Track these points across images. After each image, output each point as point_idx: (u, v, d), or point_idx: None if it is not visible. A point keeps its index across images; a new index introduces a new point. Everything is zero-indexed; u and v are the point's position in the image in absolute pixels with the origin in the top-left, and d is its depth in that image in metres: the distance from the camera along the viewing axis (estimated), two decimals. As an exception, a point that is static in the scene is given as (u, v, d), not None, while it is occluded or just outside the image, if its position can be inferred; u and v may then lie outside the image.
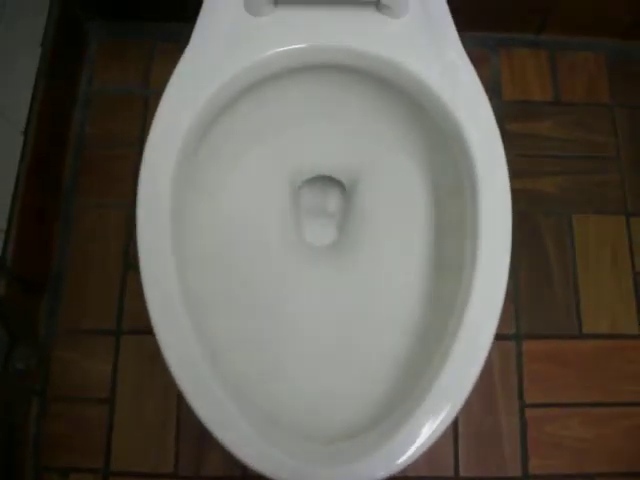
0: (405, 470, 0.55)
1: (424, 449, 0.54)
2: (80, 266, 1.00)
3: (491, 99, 1.08)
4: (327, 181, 0.85)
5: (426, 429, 0.55)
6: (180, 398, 0.56)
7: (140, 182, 0.60)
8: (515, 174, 1.04)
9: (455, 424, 0.94)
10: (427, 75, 0.63)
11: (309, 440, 0.58)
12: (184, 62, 0.64)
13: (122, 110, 1.08)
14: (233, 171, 0.76)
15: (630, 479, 0.95)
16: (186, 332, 0.56)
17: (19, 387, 0.92)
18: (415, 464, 0.55)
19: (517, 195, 1.01)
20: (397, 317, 0.73)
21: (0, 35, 0.85)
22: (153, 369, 0.94)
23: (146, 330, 0.57)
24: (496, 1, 1.05)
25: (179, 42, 0.65)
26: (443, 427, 0.55)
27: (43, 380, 0.95)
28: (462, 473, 0.93)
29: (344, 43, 0.64)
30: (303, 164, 0.81)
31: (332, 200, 0.89)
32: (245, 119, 0.72)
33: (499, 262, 0.60)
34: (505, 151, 0.63)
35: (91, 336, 0.98)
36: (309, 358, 0.72)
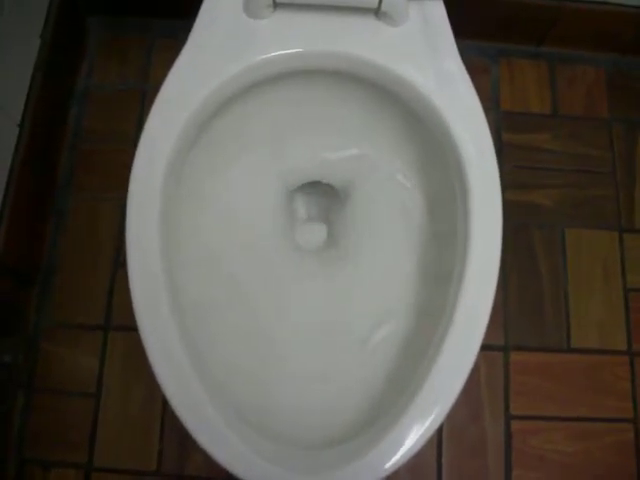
0: (388, 478, 0.55)
1: (410, 455, 0.54)
2: (72, 260, 1.00)
3: (490, 109, 1.10)
4: (321, 186, 0.85)
5: (412, 435, 0.54)
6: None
7: (131, 180, 0.60)
8: (510, 185, 1.07)
9: (439, 433, 0.94)
10: (423, 84, 0.63)
11: (294, 447, 0.58)
12: (181, 61, 0.63)
13: (120, 105, 1.08)
14: (226, 172, 0.76)
15: (612, 495, 0.95)
16: (171, 334, 0.56)
17: (5, 379, 0.91)
18: (397, 472, 0.56)
19: (511, 206, 1.04)
20: (385, 325, 0.73)
21: (-1, 26, 0.85)
22: (140, 366, 0.94)
23: (134, 327, 0.56)
24: (498, 11, 1.05)
25: (178, 38, 0.65)
26: (429, 433, 0.55)
27: (29, 373, 0.95)
28: (445, 482, 0.93)
29: (341, 49, 0.64)
30: (297, 168, 0.81)
31: (325, 205, 0.89)
32: (240, 121, 0.72)
33: (488, 274, 0.60)
34: (501, 162, 0.63)
35: (79, 330, 0.97)
36: (296, 363, 0.72)
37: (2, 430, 0.91)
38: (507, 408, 0.96)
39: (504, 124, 1.10)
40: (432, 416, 0.55)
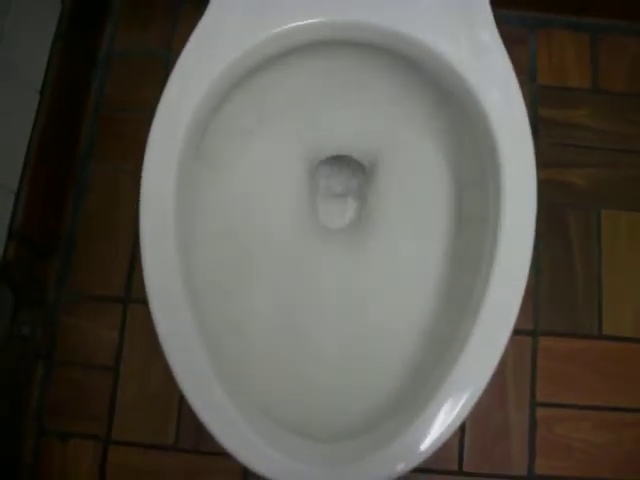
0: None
1: (440, 443, 0.54)
2: (92, 232, 0.99)
3: (526, 83, 1.05)
4: (346, 161, 0.82)
5: (440, 422, 0.54)
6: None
7: (146, 154, 0.58)
8: (545, 163, 1.02)
9: (463, 417, 0.93)
10: (456, 57, 0.60)
11: (314, 439, 0.57)
12: (200, 30, 0.61)
13: (143, 72, 1.06)
14: (247, 147, 0.73)
15: (639, 488, 0.93)
16: (186, 321, 0.55)
17: (24, 352, 0.91)
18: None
19: (545, 185, 0.99)
20: (411, 309, 0.71)
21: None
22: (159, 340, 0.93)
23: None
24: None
25: (204, 4, 0.62)
26: (459, 420, 0.54)
27: (49, 345, 0.95)
28: (466, 468, 0.91)
29: (369, 19, 0.61)
30: (321, 143, 0.78)
31: (350, 181, 0.86)
32: (261, 94, 0.70)
33: (519, 259, 0.57)
34: (536, 139, 0.59)
35: (99, 303, 0.97)
36: (318, 349, 0.70)
37: (21, 401, 0.92)
38: (533, 394, 0.94)
39: (541, 99, 1.05)
40: (462, 401, 0.54)
